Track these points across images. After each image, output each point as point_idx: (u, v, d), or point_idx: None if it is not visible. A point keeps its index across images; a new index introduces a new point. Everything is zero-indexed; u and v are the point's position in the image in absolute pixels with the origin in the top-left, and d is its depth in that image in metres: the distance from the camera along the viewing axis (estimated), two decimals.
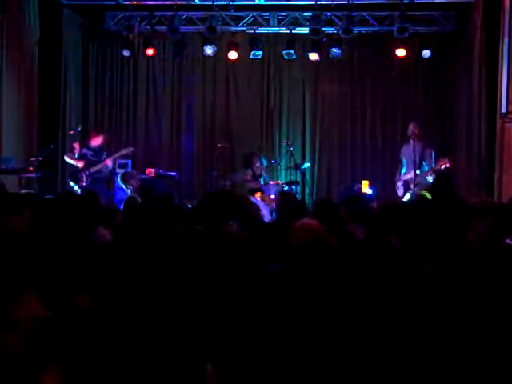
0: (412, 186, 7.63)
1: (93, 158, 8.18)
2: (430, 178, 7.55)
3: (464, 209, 3.49)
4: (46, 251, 2.97)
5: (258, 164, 8.91)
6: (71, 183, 8.17)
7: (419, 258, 2.84)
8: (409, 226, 3.20)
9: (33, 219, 3.40)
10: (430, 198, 6.99)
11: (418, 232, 3.06)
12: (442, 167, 7.50)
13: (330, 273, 2.81)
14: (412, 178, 7.67)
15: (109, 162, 8.23)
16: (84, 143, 8.40)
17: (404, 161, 8.18)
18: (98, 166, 8.14)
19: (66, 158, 8.35)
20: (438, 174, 7.32)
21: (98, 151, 8.24)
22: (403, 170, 8.15)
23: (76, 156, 8.21)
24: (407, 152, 8.01)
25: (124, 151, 8.49)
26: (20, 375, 1.73)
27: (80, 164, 8.10)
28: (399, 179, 8.18)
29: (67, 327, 1.95)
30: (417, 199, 6.14)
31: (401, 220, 3.42)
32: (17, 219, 3.16)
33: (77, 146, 8.33)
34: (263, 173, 8.99)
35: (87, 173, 8.06)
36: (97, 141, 8.24)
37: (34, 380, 1.67)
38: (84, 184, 8.00)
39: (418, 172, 7.70)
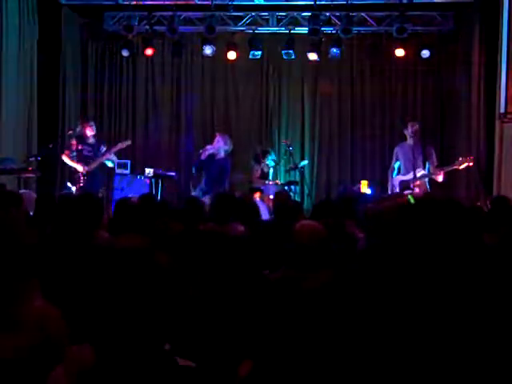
0: (412, 186, 7.52)
1: (89, 153, 8.02)
2: (440, 178, 7.50)
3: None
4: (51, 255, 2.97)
5: (266, 162, 8.90)
6: (69, 184, 8.05)
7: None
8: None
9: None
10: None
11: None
12: (462, 167, 7.43)
13: (331, 272, 2.82)
14: (412, 178, 7.55)
15: (106, 157, 8.11)
16: (80, 139, 8.09)
17: (398, 162, 7.90)
18: (96, 163, 8.01)
19: (65, 158, 8.09)
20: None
21: (94, 145, 8.08)
22: (395, 173, 7.94)
23: (74, 154, 8.00)
24: (404, 152, 7.77)
25: (120, 145, 8.20)
26: (24, 376, 1.73)
27: (80, 168, 7.93)
28: (393, 179, 7.96)
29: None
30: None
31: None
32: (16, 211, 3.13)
33: (74, 142, 8.11)
34: (270, 171, 8.99)
35: (84, 173, 7.92)
36: (91, 130, 8.06)
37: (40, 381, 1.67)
38: (81, 185, 7.88)
39: (422, 172, 7.56)
